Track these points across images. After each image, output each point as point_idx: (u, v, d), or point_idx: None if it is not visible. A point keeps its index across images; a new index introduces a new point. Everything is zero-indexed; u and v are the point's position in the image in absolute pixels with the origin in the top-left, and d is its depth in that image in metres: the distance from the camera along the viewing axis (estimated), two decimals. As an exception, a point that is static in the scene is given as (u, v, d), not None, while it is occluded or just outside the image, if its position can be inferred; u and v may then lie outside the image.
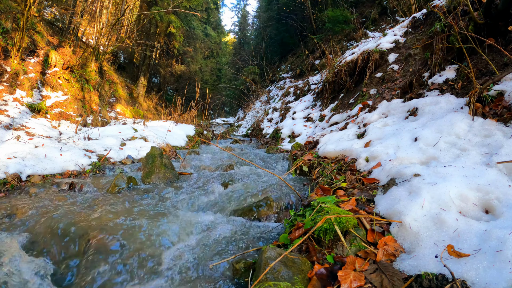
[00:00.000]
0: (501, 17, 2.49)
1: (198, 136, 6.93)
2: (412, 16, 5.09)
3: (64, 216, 1.99)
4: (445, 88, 2.77)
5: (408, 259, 1.18)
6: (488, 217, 1.33)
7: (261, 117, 9.11)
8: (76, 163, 3.56)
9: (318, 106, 6.30)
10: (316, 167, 2.72)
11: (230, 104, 19.62)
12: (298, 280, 1.16)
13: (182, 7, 11.33)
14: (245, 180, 2.89)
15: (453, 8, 3.20)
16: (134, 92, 11.13)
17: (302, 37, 13.45)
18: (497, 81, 2.15)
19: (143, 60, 12.68)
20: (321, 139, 3.60)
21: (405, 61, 4.21)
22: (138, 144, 4.92)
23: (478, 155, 1.75)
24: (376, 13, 9.72)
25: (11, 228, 2.00)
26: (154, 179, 3.02)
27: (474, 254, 1.09)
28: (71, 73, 6.75)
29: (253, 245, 1.70)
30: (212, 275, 1.45)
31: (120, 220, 1.91)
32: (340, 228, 1.36)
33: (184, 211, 2.24)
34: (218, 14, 23.99)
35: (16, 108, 5.07)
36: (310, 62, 11.39)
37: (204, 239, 1.80)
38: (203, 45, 17.94)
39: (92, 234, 1.75)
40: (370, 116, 3.34)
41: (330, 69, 6.28)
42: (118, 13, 8.78)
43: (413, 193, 1.53)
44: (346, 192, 1.94)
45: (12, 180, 2.85)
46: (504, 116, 1.94)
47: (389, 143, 2.34)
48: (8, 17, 5.72)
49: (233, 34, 30.81)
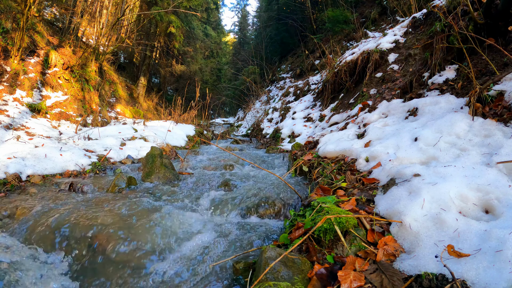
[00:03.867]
0: (501, 17, 2.49)
1: (198, 136, 6.93)
2: (412, 16, 5.09)
3: (64, 216, 1.99)
4: (445, 88, 2.77)
5: (408, 259, 1.18)
6: (488, 217, 1.33)
7: (261, 117, 9.11)
8: (76, 163, 3.56)
9: (318, 106, 6.30)
10: (316, 167, 2.72)
11: (230, 104, 19.63)
12: (298, 280, 1.16)
13: (182, 7, 11.33)
14: (245, 180, 2.89)
15: (453, 8, 3.20)
16: (134, 92, 11.13)
17: (302, 37, 13.45)
18: (497, 81, 2.15)
19: (143, 60, 12.68)
20: (321, 139, 3.60)
21: (405, 61, 4.21)
22: (138, 144, 4.92)
23: (478, 155, 1.75)
24: (376, 13, 9.72)
25: (11, 228, 2.00)
26: (154, 179, 3.02)
27: (474, 254, 1.09)
28: (71, 73, 6.75)
29: (253, 245, 1.70)
30: (212, 275, 1.45)
31: (120, 220, 1.91)
32: (340, 228, 1.36)
33: (184, 211, 2.24)
34: (218, 14, 23.99)
35: (16, 108, 5.07)
36: (310, 62, 11.39)
37: (203, 239, 1.80)
38: (203, 45, 17.94)
39: (92, 234, 1.75)
40: (370, 116, 3.34)
41: (330, 69, 6.28)
42: (118, 13, 8.78)
43: (413, 193, 1.53)
44: (346, 192, 1.94)
45: (12, 180, 2.85)
46: (504, 116, 1.94)
47: (389, 143, 2.34)
48: (8, 17, 5.72)
49: (233, 34, 30.81)
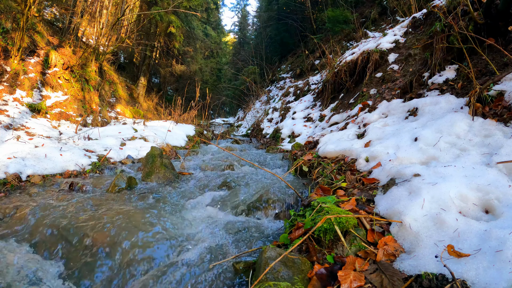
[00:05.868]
0: (501, 17, 2.49)
1: (198, 136, 6.93)
2: (412, 16, 5.09)
3: (64, 216, 1.99)
4: (445, 88, 2.77)
5: (408, 259, 1.18)
6: (488, 217, 1.33)
7: (261, 117, 9.10)
8: (76, 163, 3.56)
9: (318, 106, 6.30)
10: (316, 167, 2.72)
11: (230, 104, 19.63)
12: (298, 280, 1.16)
13: (182, 7, 11.33)
14: (244, 180, 2.89)
15: (453, 8, 3.20)
16: (134, 92, 11.12)
17: (302, 37, 13.46)
18: (497, 81, 2.15)
19: (143, 60, 12.68)
20: (321, 139, 3.60)
21: (405, 61, 4.21)
22: (138, 144, 4.92)
23: (478, 155, 1.75)
24: (376, 13, 9.72)
25: (11, 228, 2.00)
26: (154, 179, 3.02)
27: (474, 254, 1.09)
28: (71, 73, 6.75)
29: (253, 245, 1.70)
30: (212, 275, 1.45)
31: (120, 220, 1.91)
32: (340, 228, 1.36)
33: (184, 211, 2.24)
34: (218, 14, 23.98)
35: (16, 108, 5.07)
36: (310, 62, 11.39)
37: (203, 239, 1.80)
38: (203, 45, 17.93)
39: (93, 234, 1.75)
40: (370, 116, 3.34)
41: (330, 69, 6.28)
42: (118, 13, 8.78)
43: (413, 193, 1.53)
44: (346, 192, 1.94)
45: (12, 180, 2.85)
46: (504, 116, 1.94)
47: (389, 143, 2.34)
48: (8, 17, 5.72)
49: (233, 34, 30.80)
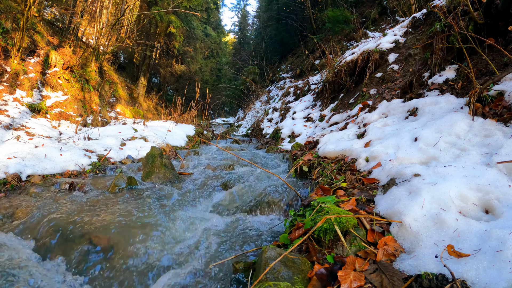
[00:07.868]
0: (501, 17, 2.49)
1: (198, 136, 6.93)
2: (412, 16, 5.09)
3: (64, 216, 1.99)
4: (445, 88, 2.77)
5: (408, 259, 1.18)
6: (488, 217, 1.33)
7: (261, 117, 9.10)
8: (76, 163, 3.56)
9: (318, 106, 6.30)
10: (316, 167, 2.72)
11: (230, 104, 19.62)
12: (298, 280, 1.16)
13: (182, 7, 11.32)
14: (244, 180, 2.89)
15: (453, 8, 3.20)
16: (134, 92, 11.12)
17: (302, 37, 13.45)
18: (497, 81, 2.15)
19: (143, 60, 12.68)
20: (321, 139, 3.60)
21: (405, 61, 4.21)
22: (138, 144, 4.92)
23: (478, 155, 1.75)
24: (376, 13, 9.72)
25: (12, 228, 2.00)
26: (154, 179, 3.02)
27: (474, 254, 1.09)
28: (71, 73, 6.75)
29: (253, 245, 1.70)
30: (212, 275, 1.45)
31: (120, 220, 1.91)
32: (340, 228, 1.36)
33: (183, 211, 2.24)
34: (218, 14, 23.98)
35: (16, 108, 5.07)
36: (310, 62, 11.39)
37: (203, 239, 1.80)
38: (203, 45, 17.93)
39: (92, 234, 1.75)
40: (370, 116, 3.34)
41: (330, 69, 6.28)
42: (118, 13, 8.78)
43: (413, 193, 1.53)
44: (346, 192, 1.94)
45: (12, 180, 2.85)
46: (504, 116, 1.94)
47: (389, 143, 2.34)
48: (8, 17, 5.72)
49: (233, 34, 30.80)
